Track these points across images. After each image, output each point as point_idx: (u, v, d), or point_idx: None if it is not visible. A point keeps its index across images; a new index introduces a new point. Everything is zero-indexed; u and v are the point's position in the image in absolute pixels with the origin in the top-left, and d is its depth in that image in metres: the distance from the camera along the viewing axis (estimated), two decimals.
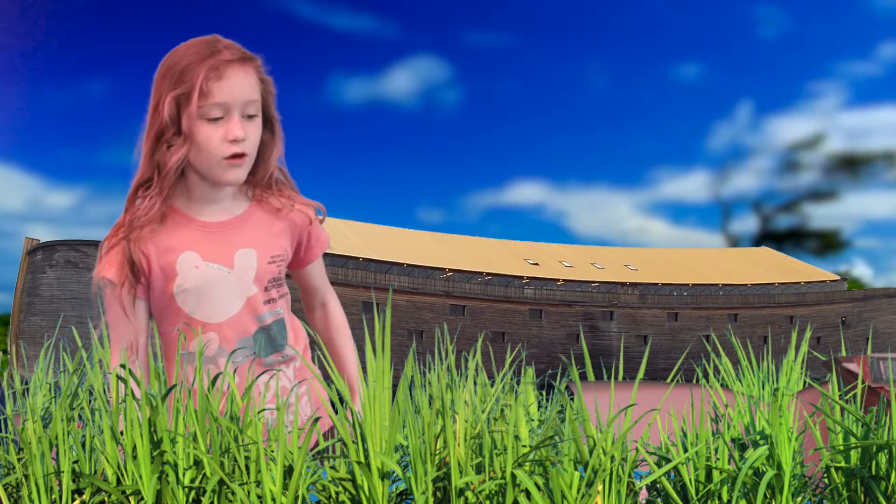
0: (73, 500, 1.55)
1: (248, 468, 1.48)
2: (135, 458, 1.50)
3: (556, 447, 1.51)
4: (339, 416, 1.51)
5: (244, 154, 1.69)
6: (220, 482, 1.47)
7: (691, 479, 1.54)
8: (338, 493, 1.50)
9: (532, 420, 1.67)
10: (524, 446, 1.49)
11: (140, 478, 1.49)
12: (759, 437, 1.59)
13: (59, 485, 1.54)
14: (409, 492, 1.48)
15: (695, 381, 1.92)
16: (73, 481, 1.55)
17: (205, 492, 1.48)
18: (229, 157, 1.67)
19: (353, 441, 1.48)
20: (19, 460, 1.61)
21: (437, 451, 1.51)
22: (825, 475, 1.60)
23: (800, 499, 1.56)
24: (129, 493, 1.49)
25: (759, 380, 2.48)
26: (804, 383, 2.44)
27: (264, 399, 1.74)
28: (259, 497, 1.45)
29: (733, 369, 2.42)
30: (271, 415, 1.72)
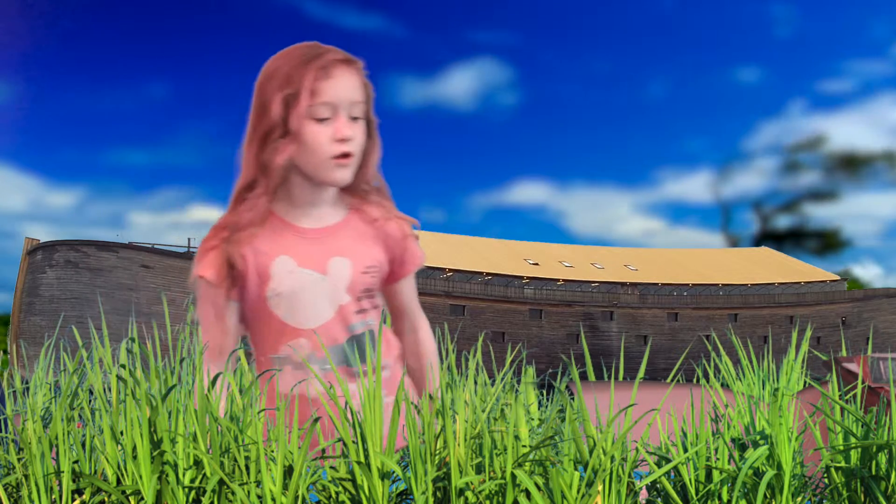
0: (73, 500, 1.54)
1: (248, 468, 1.48)
2: (135, 458, 1.50)
3: (556, 447, 1.51)
4: (339, 416, 1.51)
5: (351, 154, 1.71)
6: (220, 482, 1.47)
7: (691, 479, 1.54)
8: (338, 493, 1.50)
9: (532, 419, 1.67)
10: (524, 446, 1.49)
11: (140, 478, 1.49)
12: (759, 437, 1.59)
13: (59, 485, 1.54)
14: (409, 492, 1.48)
15: (695, 381, 1.92)
16: (73, 481, 1.55)
17: (205, 492, 1.48)
18: (337, 156, 1.69)
19: (353, 441, 1.48)
20: (19, 460, 1.61)
21: (437, 451, 1.50)
22: (825, 475, 1.60)
23: (800, 499, 1.56)
24: (129, 493, 1.49)
25: (759, 379, 2.48)
26: (804, 383, 2.44)
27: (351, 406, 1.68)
28: (259, 497, 1.45)
29: (734, 369, 2.42)
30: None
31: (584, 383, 1.62)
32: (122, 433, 1.52)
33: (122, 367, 1.59)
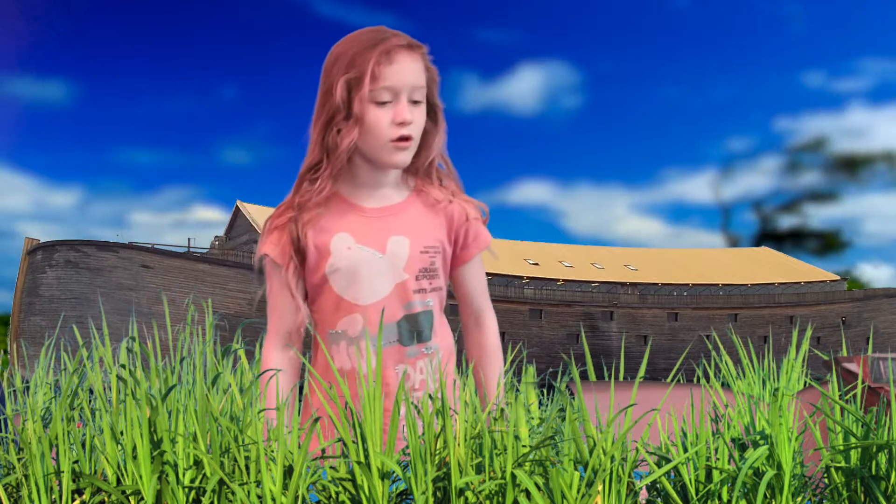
0: (73, 500, 1.55)
1: (248, 468, 1.48)
2: (135, 458, 1.50)
3: (556, 447, 1.51)
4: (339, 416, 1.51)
5: (410, 137, 1.73)
6: (220, 482, 1.47)
7: (691, 479, 1.54)
8: (338, 493, 1.50)
9: (533, 418, 1.67)
10: (524, 446, 1.49)
11: (140, 478, 1.49)
12: (759, 437, 1.59)
13: (59, 485, 1.54)
14: (409, 492, 1.48)
15: (695, 381, 1.92)
16: (73, 481, 1.55)
17: (205, 492, 1.48)
18: (396, 139, 1.72)
19: (353, 441, 1.48)
20: (19, 460, 1.61)
21: (437, 451, 1.50)
22: (825, 475, 1.60)
23: (800, 499, 1.56)
24: (129, 493, 1.49)
25: (760, 377, 2.48)
26: (805, 383, 2.44)
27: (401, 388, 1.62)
28: (259, 497, 1.45)
29: (734, 368, 2.42)
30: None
31: (584, 383, 1.62)
32: (122, 433, 1.53)
33: (122, 366, 1.59)
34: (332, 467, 1.52)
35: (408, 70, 1.71)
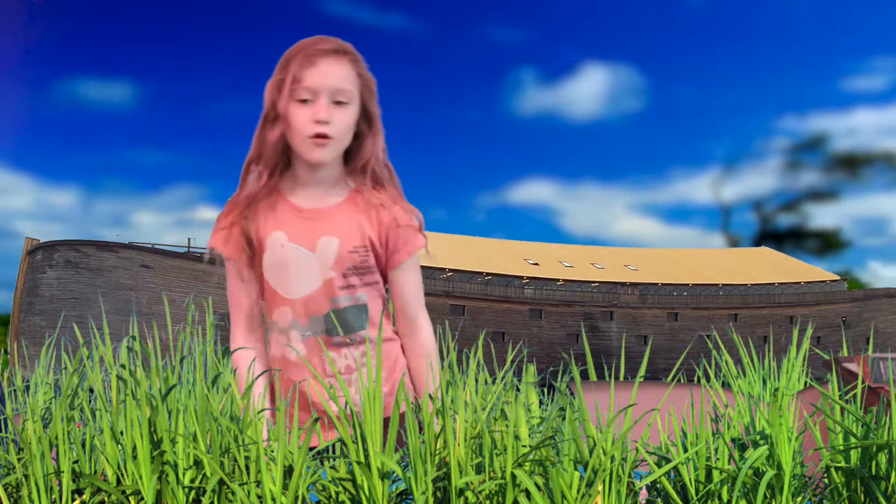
0: (73, 500, 1.55)
1: (248, 468, 1.48)
2: (135, 458, 1.50)
3: (556, 447, 1.51)
4: (339, 415, 1.51)
5: (327, 135, 1.84)
6: (220, 482, 1.47)
7: (691, 479, 1.54)
8: (338, 493, 1.50)
9: (534, 417, 1.67)
10: (524, 446, 1.49)
11: (140, 478, 1.49)
12: (759, 437, 1.59)
13: (59, 485, 1.54)
14: (409, 492, 1.48)
15: (695, 381, 1.92)
16: (73, 481, 1.55)
17: (205, 492, 1.48)
18: (313, 136, 1.83)
19: (353, 441, 1.48)
20: (19, 460, 1.61)
21: (437, 451, 1.50)
22: (825, 475, 1.60)
23: (800, 499, 1.56)
24: (129, 493, 1.49)
25: (760, 376, 2.48)
26: (805, 383, 2.44)
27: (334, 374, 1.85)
28: (259, 497, 1.45)
29: (734, 367, 2.42)
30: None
31: (584, 383, 1.62)
32: (122, 433, 1.52)
33: (123, 366, 1.59)
34: (332, 467, 1.52)
35: (329, 73, 1.84)
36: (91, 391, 1.83)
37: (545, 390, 1.98)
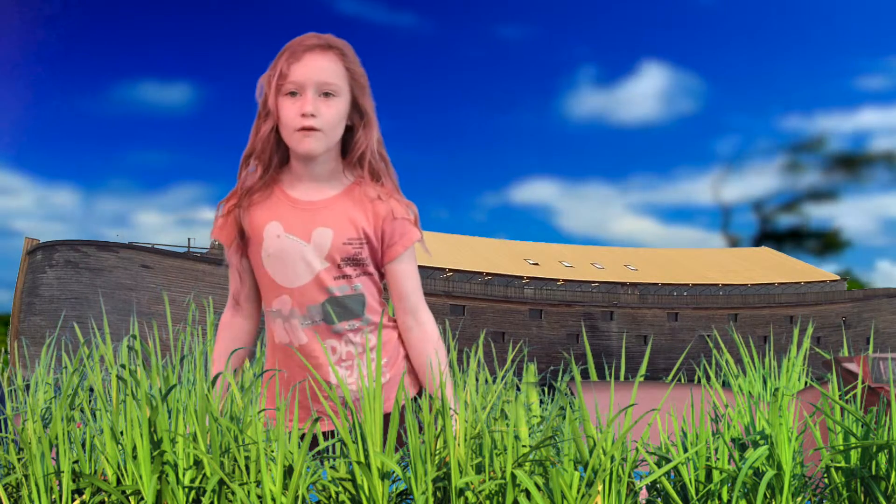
0: (73, 500, 1.55)
1: (248, 468, 1.48)
2: (135, 458, 1.50)
3: (556, 447, 1.51)
4: (339, 415, 1.51)
5: (314, 127, 1.89)
6: (220, 482, 1.47)
7: (691, 479, 1.54)
8: (338, 493, 1.50)
9: (534, 417, 1.67)
10: (524, 446, 1.49)
11: (140, 478, 1.49)
12: (759, 437, 1.59)
13: (59, 485, 1.54)
14: (409, 492, 1.48)
15: (695, 381, 1.91)
16: (73, 481, 1.55)
17: (205, 492, 1.48)
18: (300, 128, 1.88)
19: (353, 441, 1.48)
20: (19, 460, 1.61)
21: (437, 451, 1.50)
22: (825, 475, 1.60)
23: (800, 499, 1.56)
24: (129, 493, 1.49)
25: (760, 376, 2.48)
26: (805, 383, 2.44)
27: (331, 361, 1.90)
28: (259, 497, 1.45)
29: (735, 366, 2.42)
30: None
31: (584, 383, 1.62)
32: (122, 433, 1.52)
33: (123, 366, 1.59)
34: (332, 467, 1.52)
35: (314, 67, 1.89)
36: (91, 391, 1.83)
37: (545, 390, 1.98)
